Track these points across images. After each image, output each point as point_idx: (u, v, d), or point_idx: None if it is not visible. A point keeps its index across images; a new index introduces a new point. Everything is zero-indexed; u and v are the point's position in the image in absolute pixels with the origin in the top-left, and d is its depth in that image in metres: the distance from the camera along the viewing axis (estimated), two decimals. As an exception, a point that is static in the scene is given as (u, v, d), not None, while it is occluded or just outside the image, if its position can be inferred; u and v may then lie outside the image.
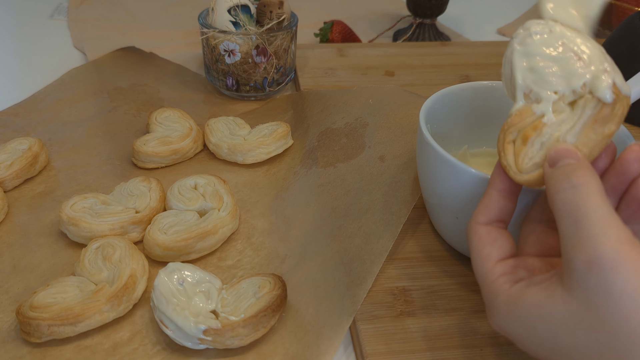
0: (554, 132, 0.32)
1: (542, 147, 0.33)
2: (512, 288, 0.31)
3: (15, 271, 0.45)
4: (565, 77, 0.32)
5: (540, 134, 0.33)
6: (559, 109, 0.33)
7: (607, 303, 0.26)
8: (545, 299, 0.29)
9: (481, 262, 0.33)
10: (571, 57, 0.32)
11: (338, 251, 0.45)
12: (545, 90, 0.33)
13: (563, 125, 0.32)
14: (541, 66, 0.33)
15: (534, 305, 0.29)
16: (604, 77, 0.31)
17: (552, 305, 0.28)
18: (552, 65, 0.33)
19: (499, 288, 0.31)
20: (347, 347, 0.41)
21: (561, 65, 0.33)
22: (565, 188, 0.29)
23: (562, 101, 0.33)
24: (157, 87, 0.71)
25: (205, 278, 0.40)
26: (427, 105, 0.45)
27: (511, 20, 0.98)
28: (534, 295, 0.29)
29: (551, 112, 0.33)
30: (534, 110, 0.33)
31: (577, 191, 0.28)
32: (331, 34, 0.82)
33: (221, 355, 0.38)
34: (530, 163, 0.33)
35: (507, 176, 0.34)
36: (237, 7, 0.64)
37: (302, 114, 0.63)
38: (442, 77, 0.73)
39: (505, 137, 0.34)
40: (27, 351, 0.38)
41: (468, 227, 0.35)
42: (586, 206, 0.28)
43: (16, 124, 0.63)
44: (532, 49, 0.33)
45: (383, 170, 0.51)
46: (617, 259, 0.26)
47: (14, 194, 0.53)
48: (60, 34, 0.86)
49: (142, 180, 0.51)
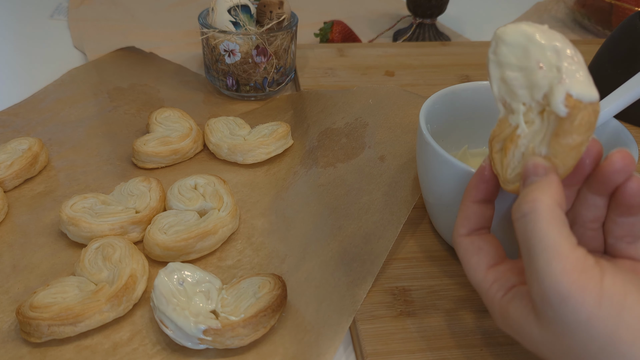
0: (529, 143, 0.32)
1: (522, 157, 0.32)
2: (503, 298, 0.31)
3: (15, 271, 0.45)
4: (529, 88, 0.31)
5: (517, 145, 0.32)
6: (530, 120, 0.32)
7: (567, 333, 0.27)
8: (524, 319, 0.30)
9: (472, 272, 0.34)
10: (534, 67, 0.31)
11: (338, 251, 0.45)
12: (516, 102, 0.32)
13: (536, 135, 0.31)
14: (510, 77, 0.32)
15: (517, 322, 0.30)
16: (557, 89, 0.30)
17: (529, 327, 0.29)
18: (519, 75, 0.32)
19: (493, 297, 0.32)
20: (347, 347, 0.41)
21: (525, 75, 0.31)
22: (518, 218, 0.29)
23: (530, 112, 0.32)
24: (157, 87, 0.71)
25: (205, 278, 0.40)
26: (427, 105, 0.45)
27: (511, 20, 0.98)
28: (517, 311, 0.30)
29: (523, 124, 0.32)
30: (510, 122, 0.33)
31: (526, 220, 0.28)
32: (331, 34, 0.82)
33: (221, 355, 0.38)
34: (513, 174, 0.32)
35: (481, 187, 0.34)
36: (237, 7, 0.64)
37: (302, 114, 0.63)
38: (442, 77, 0.73)
39: (492, 147, 0.34)
40: (27, 351, 0.38)
41: (452, 241, 0.35)
42: (533, 236, 0.28)
43: (16, 124, 0.63)
44: (502, 58, 0.32)
45: (383, 170, 0.51)
46: (564, 291, 0.26)
47: (14, 194, 0.53)
48: (60, 34, 0.86)
49: (142, 180, 0.51)
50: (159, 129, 0.59)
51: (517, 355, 0.38)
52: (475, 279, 0.33)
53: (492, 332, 0.40)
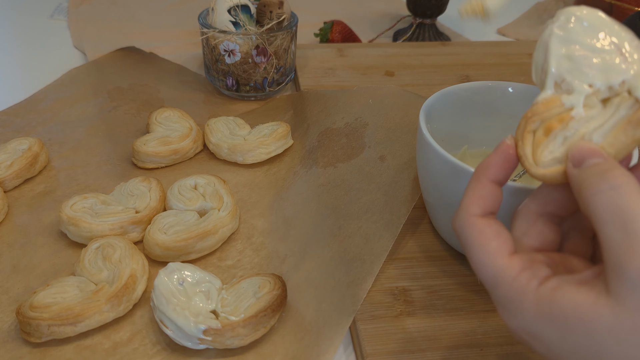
0: (580, 127, 0.30)
1: (564, 142, 0.30)
2: (542, 287, 0.28)
3: (15, 271, 0.45)
4: (605, 71, 0.30)
5: (566, 127, 0.30)
6: (590, 104, 0.30)
7: None
8: (589, 305, 0.26)
9: (490, 258, 0.29)
10: (613, 51, 0.30)
11: (338, 251, 0.45)
12: (580, 82, 0.30)
13: (591, 122, 0.30)
14: (580, 55, 0.30)
15: (573, 309, 0.26)
16: None
17: (596, 313, 0.26)
18: (592, 56, 0.30)
19: (524, 286, 0.28)
20: (347, 347, 0.41)
21: (602, 57, 0.30)
22: (604, 189, 0.27)
23: (595, 96, 0.30)
24: (157, 87, 0.71)
25: (205, 278, 0.40)
26: (427, 105, 0.45)
27: (511, 20, 0.98)
28: (574, 297, 0.27)
29: (582, 106, 0.30)
30: (563, 102, 0.31)
31: (618, 193, 0.26)
32: (331, 34, 0.82)
33: (221, 355, 0.38)
34: (549, 157, 0.30)
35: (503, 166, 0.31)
36: (237, 7, 0.64)
37: (302, 114, 0.63)
38: (442, 77, 0.73)
39: (526, 126, 0.31)
40: (27, 351, 0.38)
41: (459, 222, 0.31)
42: (632, 209, 0.25)
43: (16, 124, 0.63)
44: (572, 35, 0.31)
45: (383, 170, 0.51)
46: None
47: (14, 194, 0.53)
48: (60, 34, 0.86)
49: (142, 180, 0.51)
50: (159, 129, 0.59)
51: (517, 356, 0.38)
52: (494, 266, 0.29)
53: (492, 332, 0.40)
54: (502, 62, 0.78)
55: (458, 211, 0.31)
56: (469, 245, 0.30)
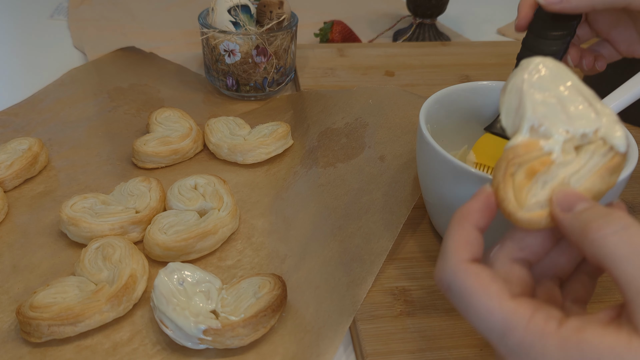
0: (559, 172, 0.31)
1: (544, 186, 0.31)
2: (563, 329, 0.26)
3: (15, 271, 0.45)
4: (578, 118, 0.31)
5: (548, 171, 0.31)
6: (566, 150, 0.31)
7: None
8: (623, 347, 0.25)
9: (496, 302, 0.27)
10: (583, 101, 0.31)
11: (338, 251, 0.45)
12: (557, 128, 0.31)
13: (568, 167, 0.31)
14: (554, 102, 0.31)
15: (609, 351, 0.25)
16: (619, 127, 0.30)
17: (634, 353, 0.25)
18: (565, 104, 0.31)
19: (544, 328, 0.26)
20: (347, 347, 0.41)
21: (574, 106, 0.31)
22: (616, 230, 0.26)
23: (570, 142, 0.31)
24: (157, 87, 0.71)
25: (205, 278, 0.40)
26: (427, 105, 0.45)
27: (511, 20, 0.98)
28: (604, 339, 0.25)
29: (560, 151, 0.31)
30: (542, 146, 0.31)
31: (631, 232, 0.26)
32: (331, 34, 0.82)
33: (221, 355, 0.38)
34: (532, 200, 0.30)
35: (485, 214, 0.31)
36: (237, 7, 0.64)
37: (302, 114, 0.63)
38: (442, 77, 0.73)
39: (507, 168, 0.31)
40: (27, 351, 0.38)
41: (449, 270, 0.29)
42: None
43: (16, 124, 0.63)
44: (544, 83, 0.32)
45: (383, 170, 0.51)
46: None
47: (14, 194, 0.53)
48: (60, 34, 0.86)
49: (142, 180, 0.51)
50: (159, 129, 0.59)
51: (517, 355, 0.38)
52: (501, 310, 0.27)
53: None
54: (502, 62, 0.78)
55: (444, 260, 0.29)
56: (467, 293, 0.28)
